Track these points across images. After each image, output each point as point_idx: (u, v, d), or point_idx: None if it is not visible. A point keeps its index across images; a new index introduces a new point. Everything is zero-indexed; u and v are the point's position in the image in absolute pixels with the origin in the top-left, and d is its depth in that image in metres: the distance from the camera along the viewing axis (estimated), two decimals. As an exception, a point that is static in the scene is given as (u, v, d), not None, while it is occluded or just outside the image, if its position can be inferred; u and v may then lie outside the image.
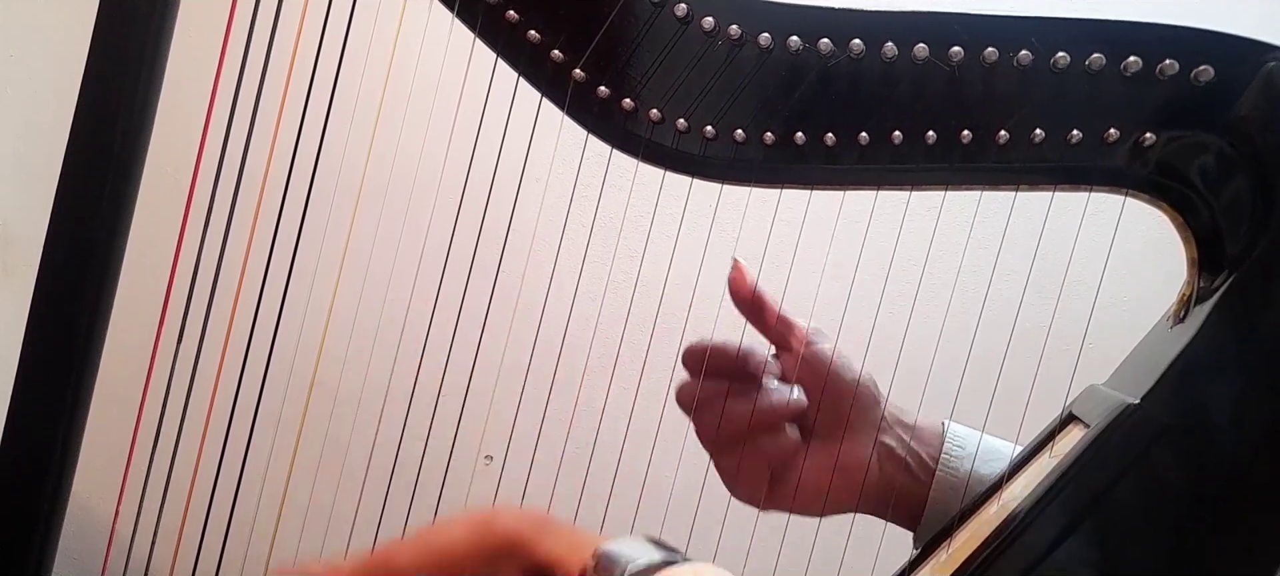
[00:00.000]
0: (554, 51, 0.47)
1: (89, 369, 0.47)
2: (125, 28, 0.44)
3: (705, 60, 0.46)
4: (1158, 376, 0.44)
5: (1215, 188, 0.45)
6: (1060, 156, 0.45)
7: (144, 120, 0.45)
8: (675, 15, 0.46)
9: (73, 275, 0.46)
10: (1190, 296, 0.46)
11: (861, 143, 0.46)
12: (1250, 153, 0.44)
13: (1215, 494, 0.44)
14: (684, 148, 0.47)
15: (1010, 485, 0.50)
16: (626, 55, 0.47)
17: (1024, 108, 0.45)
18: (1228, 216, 0.45)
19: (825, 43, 0.45)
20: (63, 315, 0.46)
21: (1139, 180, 0.45)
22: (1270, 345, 0.43)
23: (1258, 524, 0.43)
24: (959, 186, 0.47)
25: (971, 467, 0.54)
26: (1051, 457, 0.47)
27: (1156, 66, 0.43)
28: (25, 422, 0.46)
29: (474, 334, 0.57)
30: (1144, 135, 0.44)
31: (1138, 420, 0.44)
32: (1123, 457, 0.44)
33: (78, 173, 0.45)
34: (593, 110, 0.47)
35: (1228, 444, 0.43)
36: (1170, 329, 0.47)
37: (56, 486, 0.47)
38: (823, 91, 0.46)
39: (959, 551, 0.48)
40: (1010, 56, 0.44)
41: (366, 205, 0.61)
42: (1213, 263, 0.45)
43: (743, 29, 0.45)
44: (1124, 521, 0.44)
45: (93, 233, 0.46)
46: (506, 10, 0.46)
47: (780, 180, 0.48)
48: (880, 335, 0.64)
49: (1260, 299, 0.44)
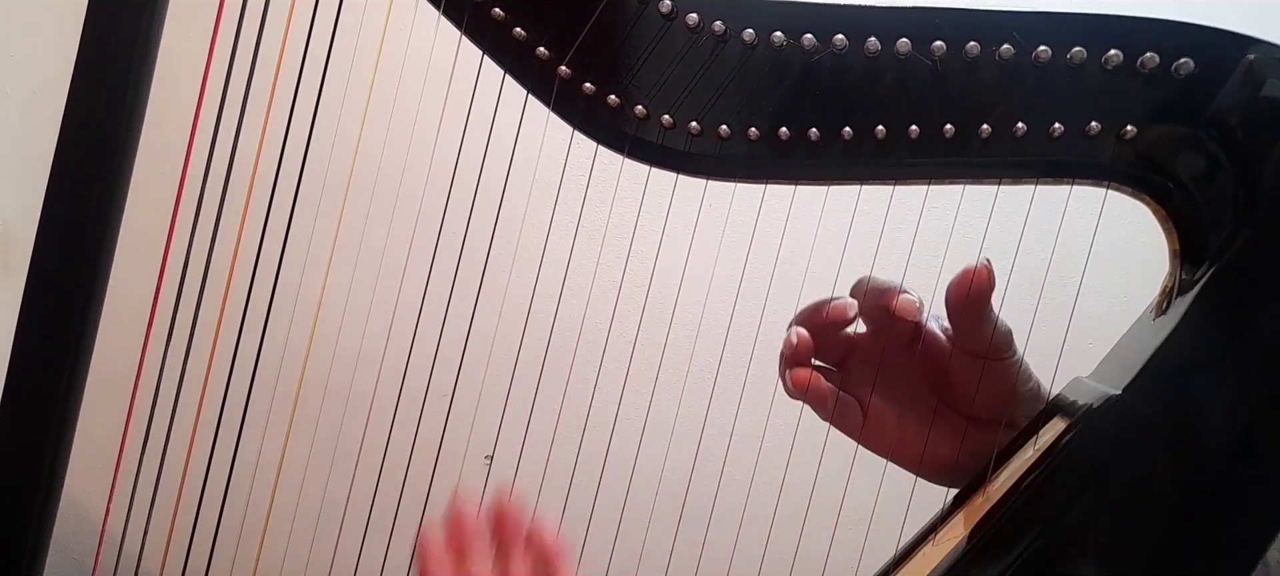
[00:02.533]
0: (540, 48, 0.47)
1: (81, 365, 0.47)
2: (115, 23, 0.45)
3: (690, 56, 0.47)
4: (1140, 368, 0.44)
5: (1196, 180, 0.45)
6: (1043, 150, 0.45)
7: (134, 116, 0.46)
8: (660, 11, 0.46)
9: (64, 272, 0.46)
10: (1172, 288, 0.46)
11: (845, 137, 0.46)
12: (1231, 145, 0.44)
13: (1197, 484, 0.44)
14: (670, 144, 0.48)
15: (994, 477, 0.50)
16: (612, 52, 0.47)
17: (1006, 102, 0.45)
18: (1209, 208, 0.45)
19: (809, 38, 0.45)
20: (54, 312, 0.46)
21: (1121, 173, 0.45)
22: (1251, 336, 0.44)
23: (1239, 515, 0.43)
24: (942, 181, 0.47)
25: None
26: (1034, 449, 0.48)
27: (1137, 60, 0.44)
28: (17, 419, 0.47)
29: (467, 331, 0.57)
30: (1125, 128, 0.45)
31: (1119, 411, 0.44)
32: (1104, 449, 0.44)
33: (68, 170, 0.46)
34: (579, 107, 0.47)
35: (1209, 434, 0.44)
36: (1152, 321, 0.47)
37: (49, 483, 0.47)
38: (806, 86, 0.46)
39: (944, 542, 0.48)
40: (992, 50, 0.44)
41: (358, 203, 0.61)
42: (1194, 255, 0.46)
43: (727, 25, 0.46)
44: (1105, 512, 0.44)
45: (83, 230, 0.46)
46: (492, 7, 0.47)
47: (765, 176, 0.48)
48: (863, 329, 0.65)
49: (1241, 290, 0.44)
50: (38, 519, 0.47)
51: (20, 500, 0.47)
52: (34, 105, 1.09)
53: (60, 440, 0.47)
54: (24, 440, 0.47)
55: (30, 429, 0.47)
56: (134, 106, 0.46)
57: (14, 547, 0.47)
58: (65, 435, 0.48)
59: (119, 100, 0.45)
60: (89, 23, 0.44)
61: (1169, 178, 0.45)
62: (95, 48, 0.45)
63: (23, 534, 0.47)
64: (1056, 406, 0.49)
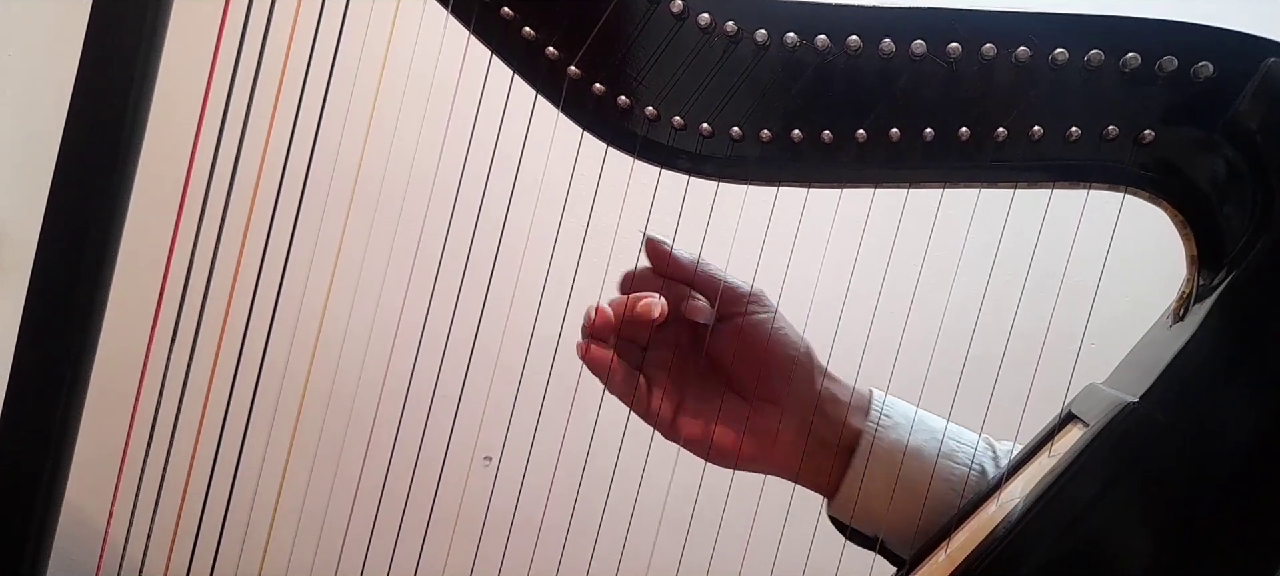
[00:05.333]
0: (549, 48, 0.46)
1: (83, 370, 0.46)
2: (119, 25, 0.44)
3: (702, 57, 0.46)
4: (1157, 375, 0.44)
5: (1214, 185, 0.44)
6: (1059, 154, 0.45)
7: (138, 118, 0.45)
8: (671, 11, 0.45)
9: (66, 275, 0.46)
10: (1190, 294, 0.46)
11: (859, 140, 0.45)
12: (1250, 150, 0.43)
13: (1215, 493, 0.43)
14: (680, 145, 0.47)
15: (1009, 485, 0.50)
16: (622, 52, 0.46)
17: (1022, 104, 0.45)
18: (1227, 214, 0.44)
19: (822, 39, 0.45)
20: (57, 315, 0.46)
21: (1138, 177, 0.45)
22: (1271, 342, 0.43)
23: (1257, 523, 0.43)
24: (957, 184, 0.47)
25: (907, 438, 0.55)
26: (1050, 457, 0.47)
27: (1156, 63, 0.43)
28: (19, 425, 0.46)
29: (470, 334, 0.57)
30: (1143, 132, 0.44)
31: (1137, 419, 0.43)
32: (1122, 457, 0.43)
33: (71, 171, 0.45)
34: (588, 107, 0.47)
35: (1227, 442, 0.43)
36: (1169, 327, 0.46)
37: (50, 489, 0.47)
38: (820, 88, 0.45)
39: (957, 552, 0.47)
40: (1008, 53, 0.44)
41: (362, 205, 0.60)
42: (1212, 260, 0.45)
43: (739, 25, 0.45)
44: (1123, 521, 0.43)
45: (86, 232, 0.45)
46: (501, 7, 0.46)
47: (777, 178, 0.48)
48: (878, 335, 0.64)
49: (1260, 296, 0.43)
50: (39, 527, 0.47)
51: (21, 508, 0.46)
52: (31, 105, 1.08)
53: (62, 447, 0.47)
54: (25, 447, 0.46)
55: (31, 436, 0.46)
56: (138, 110, 0.45)
57: (14, 556, 0.47)
58: (67, 442, 0.47)
59: (123, 103, 0.44)
60: (93, 26, 0.44)
61: (1186, 182, 0.45)
62: (100, 50, 0.44)
63: (23, 542, 0.47)
64: (1072, 414, 0.49)
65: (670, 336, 0.56)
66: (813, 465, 0.56)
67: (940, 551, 0.49)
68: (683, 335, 0.57)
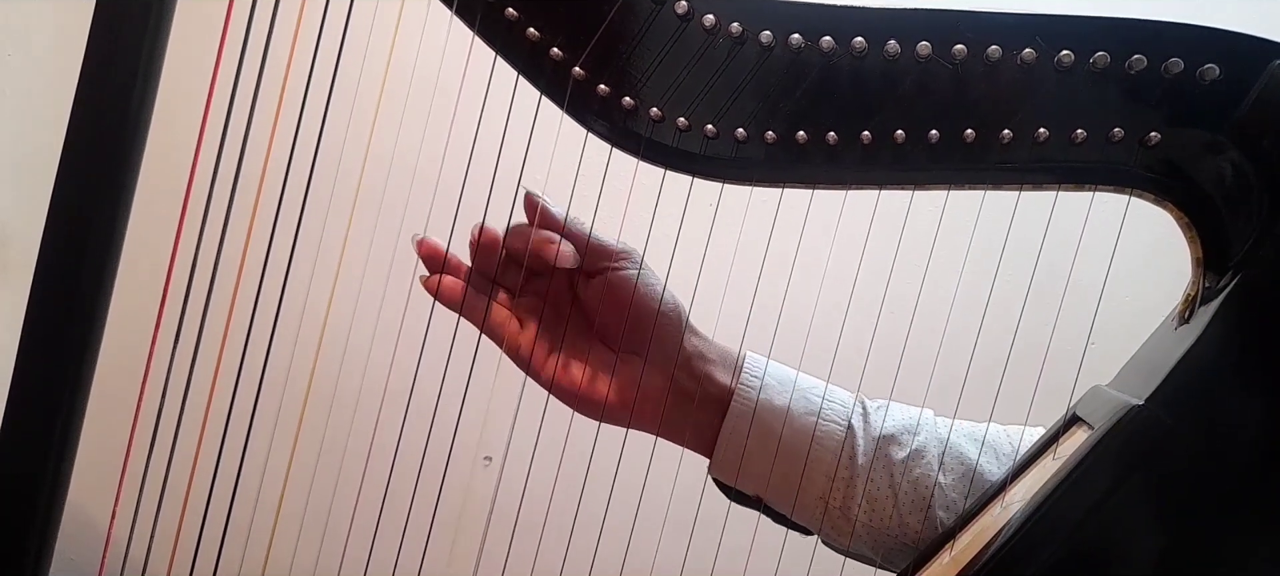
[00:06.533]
0: (553, 49, 0.46)
1: (85, 370, 0.46)
2: (122, 25, 0.44)
3: (706, 58, 0.46)
4: (1163, 377, 0.44)
5: (1220, 187, 0.44)
6: (1064, 155, 0.45)
7: (141, 118, 0.45)
8: (676, 12, 0.45)
9: (69, 275, 0.45)
10: (1195, 297, 0.46)
11: (864, 142, 0.45)
12: (1256, 152, 0.43)
13: (1220, 495, 0.43)
14: (684, 146, 0.47)
15: (1013, 487, 0.50)
16: (627, 53, 0.46)
17: (1028, 106, 0.44)
18: (1233, 216, 0.44)
19: (827, 40, 0.45)
20: (59, 316, 0.46)
21: (1144, 179, 0.45)
22: (1277, 345, 0.43)
23: (1263, 526, 0.43)
24: (962, 186, 0.47)
25: (783, 400, 0.56)
26: (1055, 459, 0.47)
27: (1162, 65, 0.43)
28: (21, 425, 0.46)
29: (472, 333, 0.57)
30: (1149, 134, 0.44)
31: (1142, 421, 0.43)
32: (1127, 459, 0.43)
33: (74, 172, 0.45)
34: (592, 108, 0.47)
35: (1233, 444, 0.43)
36: (1175, 329, 0.46)
37: (53, 490, 0.47)
38: (825, 90, 0.45)
39: (961, 554, 0.47)
40: (1014, 54, 0.44)
41: (364, 204, 0.60)
42: (1218, 262, 0.45)
43: (744, 26, 0.45)
44: (1128, 523, 0.43)
45: (89, 233, 0.45)
46: (505, 7, 0.46)
47: (782, 179, 0.48)
48: (882, 336, 0.64)
49: (1266, 299, 0.43)
50: (41, 528, 0.47)
51: (24, 509, 0.46)
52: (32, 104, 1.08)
53: (65, 448, 0.46)
54: (28, 448, 0.46)
55: (34, 436, 0.46)
56: (141, 110, 0.45)
57: (18, 555, 0.47)
58: (70, 443, 0.47)
59: (126, 103, 0.44)
60: (96, 26, 0.43)
61: (1192, 185, 0.45)
62: (103, 50, 0.44)
63: (26, 543, 0.47)
64: (1076, 416, 0.49)
65: (541, 287, 0.58)
66: (685, 421, 0.57)
67: (945, 553, 0.49)
68: (556, 287, 0.58)
